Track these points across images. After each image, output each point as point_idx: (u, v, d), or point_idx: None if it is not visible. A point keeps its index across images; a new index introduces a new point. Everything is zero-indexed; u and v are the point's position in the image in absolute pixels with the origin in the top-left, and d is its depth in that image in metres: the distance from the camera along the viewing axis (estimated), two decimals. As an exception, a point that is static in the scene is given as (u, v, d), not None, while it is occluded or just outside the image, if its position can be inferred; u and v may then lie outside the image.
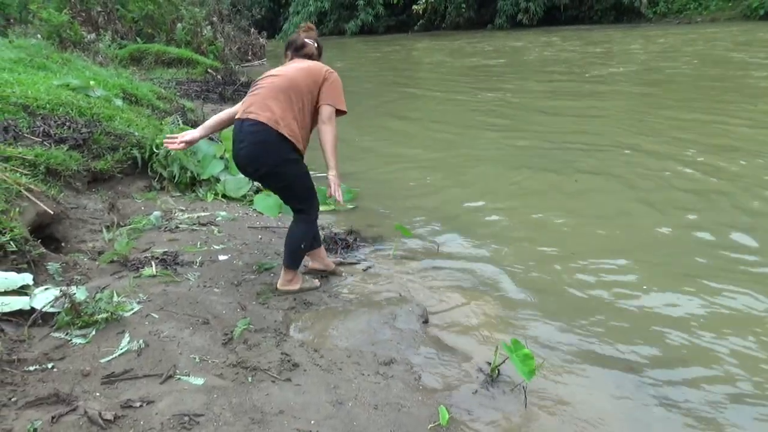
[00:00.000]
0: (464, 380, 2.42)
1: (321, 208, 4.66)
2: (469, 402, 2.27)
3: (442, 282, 3.40)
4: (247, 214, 4.50)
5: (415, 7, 28.45)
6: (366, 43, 25.46)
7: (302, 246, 3.12)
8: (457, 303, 3.13)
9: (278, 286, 3.17)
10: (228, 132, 4.49)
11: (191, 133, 3.12)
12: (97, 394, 2.07)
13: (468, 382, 2.41)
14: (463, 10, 28.51)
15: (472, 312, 3.04)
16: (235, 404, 2.08)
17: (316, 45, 3.24)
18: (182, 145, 3.07)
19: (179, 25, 12.90)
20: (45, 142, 4.21)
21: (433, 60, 16.83)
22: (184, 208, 4.39)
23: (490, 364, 2.48)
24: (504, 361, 2.42)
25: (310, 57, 3.20)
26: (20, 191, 3.39)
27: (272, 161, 2.87)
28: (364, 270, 3.56)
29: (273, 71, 3.05)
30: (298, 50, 3.19)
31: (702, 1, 23.79)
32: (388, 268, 3.60)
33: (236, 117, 2.95)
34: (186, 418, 1.96)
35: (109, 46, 10.01)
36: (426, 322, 2.88)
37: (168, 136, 2.98)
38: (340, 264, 3.60)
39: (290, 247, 3.10)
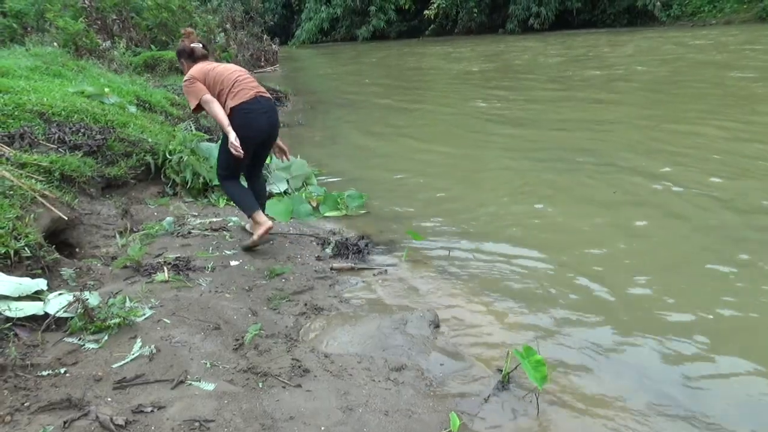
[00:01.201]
0: (475, 387, 2.40)
1: (332, 213, 4.71)
2: (481, 409, 2.25)
3: (454, 287, 3.39)
4: (258, 219, 4.51)
5: (426, 12, 28.48)
6: (376, 48, 25.53)
7: None
8: (469, 308, 3.11)
9: (270, 231, 3.75)
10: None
11: (234, 137, 3.47)
12: (109, 399, 2.08)
13: (479, 388, 2.39)
14: (475, 14, 28.47)
15: (484, 318, 3.01)
16: (245, 410, 2.08)
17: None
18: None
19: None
20: (60, 149, 4.26)
21: (441, 65, 16.82)
22: (196, 214, 4.43)
23: (501, 370, 2.46)
24: (516, 368, 2.40)
25: (206, 57, 3.84)
26: (35, 197, 3.43)
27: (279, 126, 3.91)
28: (375, 275, 3.55)
29: (225, 68, 3.70)
30: (193, 56, 3.80)
31: (716, 4, 23.56)
32: (399, 273, 3.59)
33: (239, 102, 3.55)
34: (197, 424, 1.96)
35: (124, 53, 10.10)
36: (437, 327, 2.87)
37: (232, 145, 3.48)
38: (351, 269, 3.60)
39: (266, 196, 4.20)
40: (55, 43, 9.26)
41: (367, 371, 2.44)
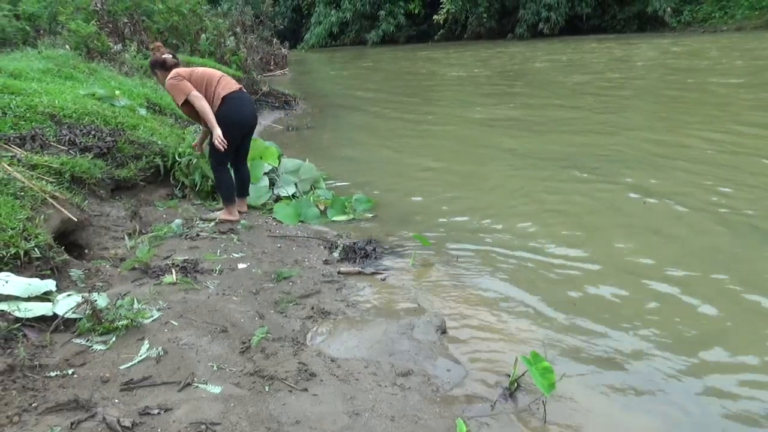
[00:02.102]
0: (482, 393, 2.38)
1: (340, 217, 4.72)
2: (488, 415, 2.24)
3: (461, 293, 3.37)
4: (266, 222, 4.53)
5: (436, 17, 28.50)
6: (385, 52, 25.58)
7: None
8: (476, 314, 3.10)
9: (234, 223, 4.32)
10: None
11: (221, 133, 4.01)
12: (116, 400, 2.09)
13: (486, 394, 2.37)
14: (485, 19, 28.42)
15: (491, 324, 3.00)
16: (251, 413, 2.08)
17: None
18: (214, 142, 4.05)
19: (203, 35, 13.04)
20: (70, 151, 4.29)
21: (449, 70, 16.82)
22: (204, 217, 4.44)
23: (509, 376, 2.44)
24: (523, 374, 2.39)
25: (177, 66, 4.24)
26: (45, 199, 3.45)
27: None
28: (383, 279, 3.54)
29: (206, 69, 4.28)
30: (165, 66, 4.19)
31: (728, 10, 23.41)
32: (406, 277, 3.58)
33: (230, 91, 4.11)
34: (203, 427, 1.96)
35: (135, 56, 10.15)
36: (444, 333, 2.85)
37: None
38: (358, 273, 3.60)
39: (249, 183, 4.67)
40: (67, 46, 9.32)
41: (373, 376, 2.43)
